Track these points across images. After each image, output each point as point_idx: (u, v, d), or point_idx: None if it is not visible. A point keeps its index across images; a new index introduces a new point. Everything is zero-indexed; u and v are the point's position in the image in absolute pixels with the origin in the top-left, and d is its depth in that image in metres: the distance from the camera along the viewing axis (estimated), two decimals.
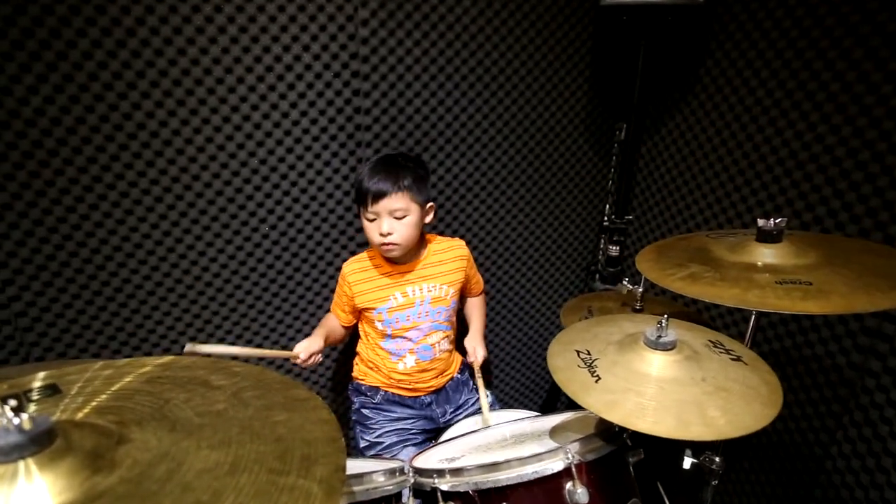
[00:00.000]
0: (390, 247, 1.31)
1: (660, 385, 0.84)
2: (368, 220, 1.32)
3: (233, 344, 1.24)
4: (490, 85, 1.58)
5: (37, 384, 0.60)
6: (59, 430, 0.48)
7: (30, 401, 0.57)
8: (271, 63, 1.34)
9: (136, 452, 0.50)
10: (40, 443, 0.46)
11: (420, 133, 1.55)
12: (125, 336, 1.44)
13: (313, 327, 1.63)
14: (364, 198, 1.30)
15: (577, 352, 0.94)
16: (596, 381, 0.86)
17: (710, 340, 0.97)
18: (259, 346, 1.60)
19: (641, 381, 0.85)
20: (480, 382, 1.44)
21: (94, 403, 0.57)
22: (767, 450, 1.51)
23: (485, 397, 1.41)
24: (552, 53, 1.62)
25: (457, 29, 1.48)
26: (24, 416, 0.44)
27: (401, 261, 1.39)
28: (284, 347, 1.63)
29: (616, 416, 0.79)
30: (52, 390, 0.60)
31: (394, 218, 1.29)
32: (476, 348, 1.51)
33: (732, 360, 0.92)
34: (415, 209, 1.32)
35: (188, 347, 1.07)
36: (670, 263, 1.05)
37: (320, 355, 1.35)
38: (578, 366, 0.90)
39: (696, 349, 0.93)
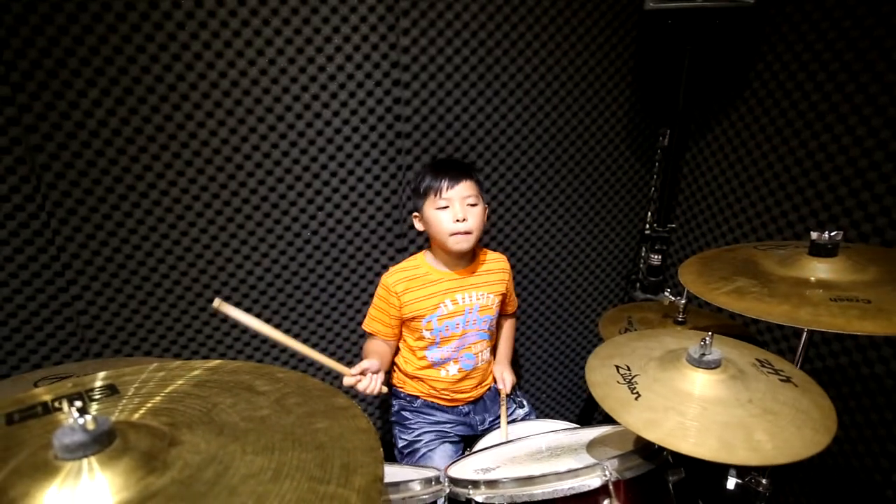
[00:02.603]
0: (463, 236, 1.29)
1: (703, 405, 0.81)
2: (440, 208, 1.29)
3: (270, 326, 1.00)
4: (530, 91, 1.57)
5: (97, 384, 0.64)
6: (118, 430, 0.51)
7: (91, 400, 0.61)
8: (315, 73, 1.38)
9: (187, 455, 0.52)
10: (101, 442, 0.49)
11: (460, 140, 1.56)
12: (174, 335, 1.50)
13: (351, 331, 1.67)
14: (436, 186, 1.29)
15: (617, 367, 0.92)
16: (636, 399, 0.84)
17: (757, 359, 0.93)
18: None
19: (683, 400, 0.83)
20: (504, 409, 1.43)
21: (148, 405, 0.60)
22: (820, 472, 1.43)
23: (505, 422, 1.39)
24: (594, 59, 1.60)
25: (497, 36, 1.48)
26: (89, 417, 0.47)
27: (453, 267, 1.39)
28: (326, 348, 1.67)
29: (656, 436, 0.77)
30: (110, 390, 0.64)
31: (466, 205, 1.30)
32: (504, 374, 1.50)
33: (781, 380, 0.88)
34: (481, 202, 1.34)
35: (216, 304, 0.94)
36: (715, 276, 1.02)
37: (380, 384, 1.22)
38: (618, 381, 0.88)
39: (743, 368, 0.89)
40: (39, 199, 1.28)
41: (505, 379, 1.49)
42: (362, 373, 1.19)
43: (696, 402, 0.82)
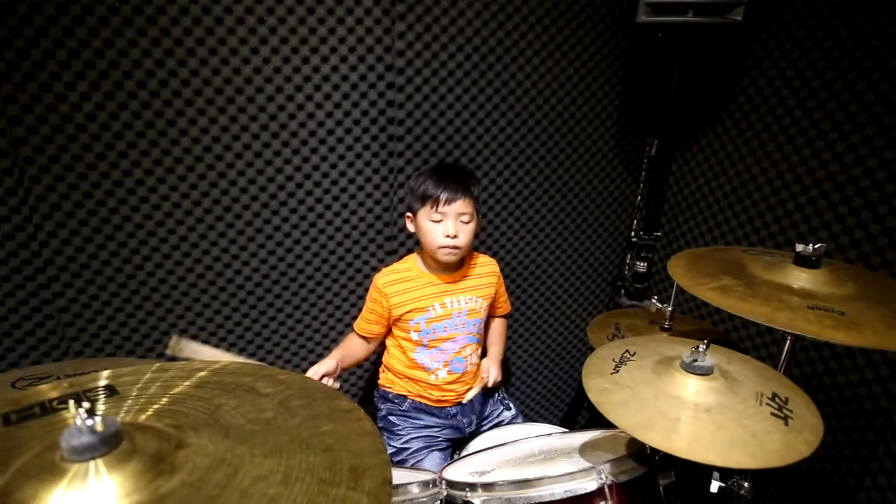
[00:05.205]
0: (452, 250, 1.31)
1: (661, 398, 0.85)
2: (433, 220, 1.31)
3: (233, 351, 1.13)
4: (522, 99, 1.59)
5: (100, 383, 0.63)
6: (125, 432, 0.50)
7: (93, 401, 0.59)
8: (310, 74, 1.37)
9: (195, 457, 0.51)
10: (109, 444, 0.48)
11: (452, 144, 1.56)
12: (158, 335, 1.47)
13: (339, 333, 1.66)
14: (434, 199, 1.29)
15: (627, 350, 0.97)
16: (611, 373, 0.88)
17: (774, 394, 0.90)
18: (286, 349, 1.62)
19: (645, 387, 0.87)
20: (476, 388, 1.45)
21: (154, 406, 0.59)
22: (797, 476, 1.48)
23: (472, 394, 1.44)
24: (585, 68, 1.63)
25: (491, 43, 1.50)
26: (98, 418, 0.46)
27: (442, 272, 1.40)
28: (313, 349, 1.66)
29: (593, 395, 0.83)
30: (110, 391, 0.62)
31: (460, 222, 1.31)
32: (490, 368, 1.50)
33: (775, 415, 0.84)
34: (475, 218, 1.35)
35: (173, 343, 1.04)
36: (703, 273, 1.05)
37: (335, 381, 1.34)
38: (613, 358, 0.93)
39: (740, 392, 0.88)
40: (22, 192, 1.24)
41: (490, 371, 1.49)
42: (321, 378, 1.29)
43: (659, 393, 0.86)
